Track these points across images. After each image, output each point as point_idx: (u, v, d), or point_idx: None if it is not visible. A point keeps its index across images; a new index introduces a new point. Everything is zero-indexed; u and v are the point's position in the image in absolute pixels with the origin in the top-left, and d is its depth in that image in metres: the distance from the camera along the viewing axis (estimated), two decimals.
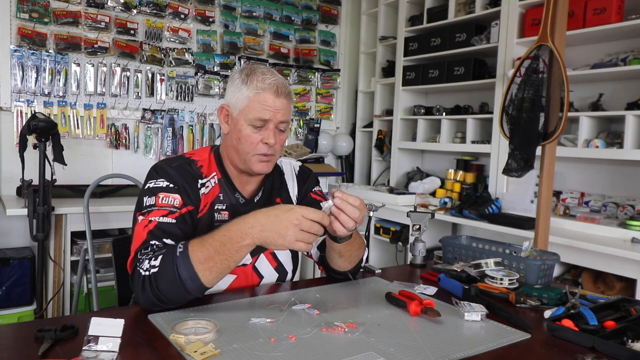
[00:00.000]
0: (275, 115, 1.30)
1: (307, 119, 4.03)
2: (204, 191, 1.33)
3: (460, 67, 3.23)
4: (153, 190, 1.27)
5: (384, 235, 3.34)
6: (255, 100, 1.28)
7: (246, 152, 1.32)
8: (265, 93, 1.28)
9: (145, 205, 1.25)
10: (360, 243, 1.39)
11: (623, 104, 2.51)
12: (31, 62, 2.96)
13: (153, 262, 1.12)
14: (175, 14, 3.39)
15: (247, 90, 1.29)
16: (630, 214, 2.50)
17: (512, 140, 2.25)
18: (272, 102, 1.29)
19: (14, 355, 0.90)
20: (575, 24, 2.54)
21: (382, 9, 3.90)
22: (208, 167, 1.37)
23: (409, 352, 0.95)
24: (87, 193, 2.08)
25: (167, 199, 1.25)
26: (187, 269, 1.09)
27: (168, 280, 1.09)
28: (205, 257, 1.10)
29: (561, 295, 1.27)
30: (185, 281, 1.09)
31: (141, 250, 1.18)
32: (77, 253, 2.67)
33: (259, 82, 1.29)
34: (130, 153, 3.31)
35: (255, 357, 0.91)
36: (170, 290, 1.09)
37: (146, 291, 1.10)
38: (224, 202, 1.36)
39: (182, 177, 1.30)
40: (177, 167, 1.32)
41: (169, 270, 1.09)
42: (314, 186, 1.56)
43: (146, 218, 1.22)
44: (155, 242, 1.18)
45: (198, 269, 1.09)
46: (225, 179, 1.38)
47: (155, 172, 1.31)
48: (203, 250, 1.10)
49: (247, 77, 1.30)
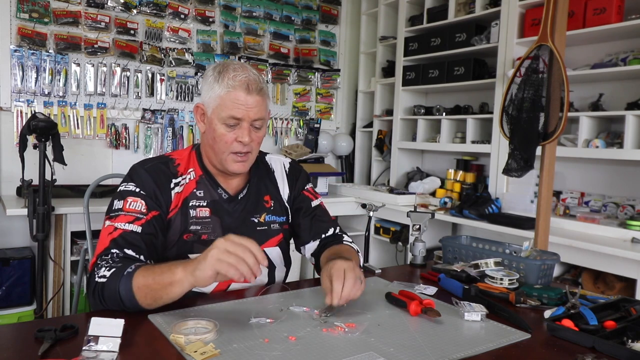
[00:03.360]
0: (248, 113, 1.28)
1: (307, 119, 4.03)
2: (177, 190, 1.34)
3: (460, 67, 3.23)
4: (122, 193, 1.29)
5: (384, 235, 3.34)
6: (227, 99, 1.27)
7: (221, 151, 1.31)
8: (236, 91, 1.27)
9: (114, 208, 1.27)
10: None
11: (623, 104, 2.51)
12: (31, 62, 2.96)
13: (106, 272, 1.13)
14: (175, 14, 3.39)
15: (218, 89, 1.28)
16: (630, 214, 2.50)
17: (512, 140, 2.25)
18: (244, 99, 1.27)
19: (14, 355, 0.90)
20: (575, 24, 2.54)
21: (382, 9, 3.89)
22: (185, 165, 1.38)
23: (409, 352, 0.95)
24: (87, 193, 2.07)
25: (134, 204, 1.26)
26: (126, 290, 1.09)
27: (110, 293, 1.10)
28: (144, 283, 1.09)
29: (561, 295, 1.27)
30: (123, 300, 1.09)
31: (102, 257, 1.19)
32: (77, 253, 2.67)
33: (230, 80, 1.27)
34: (130, 153, 3.31)
35: (255, 357, 0.91)
36: (111, 303, 1.11)
37: (95, 296, 1.13)
38: (204, 199, 1.36)
39: (154, 177, 1.31)
40: (149, 168, 1.33)
41: (113, 285, 1.10)
42: (306, 184, 1.55)
43: (112, 224, 1.23)
44: (117, 251, 1.19)
45: (136, 292, 1.09)
46: (207, 175, 1.38)
47: (129, 175, 1.33)
48: (146, 276, 1.09)
49: (219, 74, 1.29)
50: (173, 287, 1.07)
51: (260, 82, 1.31)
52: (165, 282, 1.08)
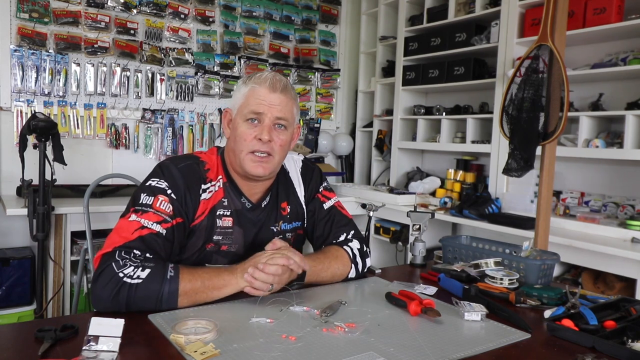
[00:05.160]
0: (270, 109, 1.27)
1: (307, 119, 4.03)
2: (205, 197, 1.31)
3: (460, 67, 3.23)
4: (153, 189, 1.25)
5: (384, 235, 3.34)
6: (250, 96, 1.29)
7: (240, 150, 1.29)
8: (259, 87, 1.28)
9: (142, 202, 1.23)
10: (331, 274, 1.36)
11: (623, 103, 2.51)
12: (31, 62, 2.96)
13: (139, 272, 1.11)
14: (175, 13, 3.39)
15: (244, 88, 1.31)
16: (630, 214, 2.50)
17: (512, 140, 2.25)
18: (266, 95, 1.27)
19: (14, 355, 0.90)
20: (575, 24, 2.54)
21: (382, 8, 3.89)
22: (216, 171, 1.35)
23: (409, 352, 0.95)
24: (87, 193, 2.08)
25: (164, 204, 1.23)
26: (170, 292, 1.11)
27: (148, 294, 1.09)
28: (191, 288, 1.13)
29: (561, 295, 1.27)
30: (163, 301, 1.10)
31: (122, 252, 1.14)
32: (77, 253, 2.67)
33: (255, 79, 1.30)
34: (130, 153, 3.31)
35: (255, 357, 0.90)
36: (143, 303, 1.10)
37: (120, 296, 1.08)
38: (228, 208, 1.33)
39: (186, 180, 1.27)
40: (183, 167, 1.29)
41: (154, 287, 1.10)
42: (320, 185, 1.52)
43: (139, 219, 1.19)
44: (138, 252, 1.16)
45: (181, 295, 1.12)
46: (231, 184, 1.36)
47: (161, 171, 1.28)
48: (193, 281, 1.13)
49: (249, 78, 1.32)
50: (225, 289, 1.16)
51: (286, 82, 1.32)
52: (216, 286, 1.15)
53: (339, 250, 1.42)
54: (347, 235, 1.47)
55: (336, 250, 1.42)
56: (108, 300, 1.09)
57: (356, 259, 1.43)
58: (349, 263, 1.40)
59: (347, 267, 1.40)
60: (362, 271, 1.46)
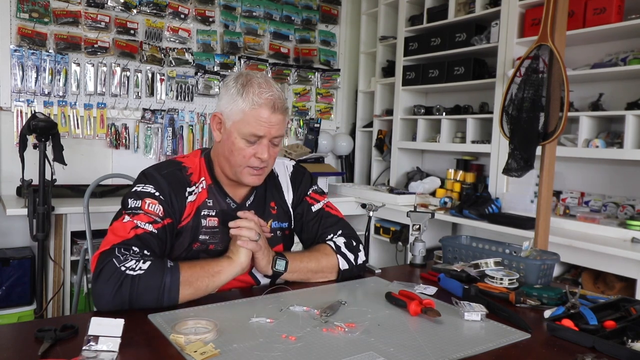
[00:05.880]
0: (270, 130, 1.28)
1: (307, 119, 4.03)
2: (190, 199, 1.33)
3: (460, 67, 3.23)
4: (140, 194, 1.27)
5: (384, 235, 3.34)
6: (251, 115, 1.26)
7: (238, 164, 1.31)
8: (261, 109, 1.26)
9: (131, 206, 1.25)
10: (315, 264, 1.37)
11: (623, 103, 2.51)
12: (31, 62, 2.96)
13: (141, 264, 1.13)
14: (175, 13, 3.39)
15: (242, 103, 1.27)
16: (630, 214, 2.50)
17: (512, 140, 2.25)
18: (268, 117, 1.27)
19: (14, 355, 0.90)
20: (575, 23, 2.54)
21: (382, 8, 3.89)
22: (198, 174, 1.37)
23: (409, 352, 0.95)
24: (87, 193, 2.08)
25: (153, 206, 1.25)
26: (172, 281, 1.13)
27: (151, 284, 1.11)
28: (191, 274, 1.17)
29: (561, 295, 1.27)
30: (165, 291, 1.12)
31: (121, 248, 1.15)
32: (77, 253, 2.67)
33: (255, 97, 1.26)
34: (130, 153, 3.31)
35: (255, 357, 0.91)
36: (147, 295, 1.11)
37: (122, 289, 1.09)
38: (213, 208, 1.36)
39: (170, 185, 1.29)
40: (166, 174, 1.31)
41: (156, 277, 1.12)
42: (309, 188, 1.53)
43: (133, 220, 1.22)
44: (137, 249, 1.17)
45: (182, 283, 1.15)
46: (216, 185, 1.38)
47: (145, 177, 1.31)
48: (192, 267, 1.18)
49: (243, 87, 1.27)
50: (223, 270, 1.21)
51: (284, 100, 1.32)
52: (215, 270, 1.20)
53: (321, 245, 1.44)
54: (335, 235, 1.48)
55: (319, 245, 1.44)
56: (110, 295, 1.09)
57: (341, 250, 1.43)
58: (332, 253, 1.41)
59: (331, 257, 1.40)
60: (356, 263, 1.45)
